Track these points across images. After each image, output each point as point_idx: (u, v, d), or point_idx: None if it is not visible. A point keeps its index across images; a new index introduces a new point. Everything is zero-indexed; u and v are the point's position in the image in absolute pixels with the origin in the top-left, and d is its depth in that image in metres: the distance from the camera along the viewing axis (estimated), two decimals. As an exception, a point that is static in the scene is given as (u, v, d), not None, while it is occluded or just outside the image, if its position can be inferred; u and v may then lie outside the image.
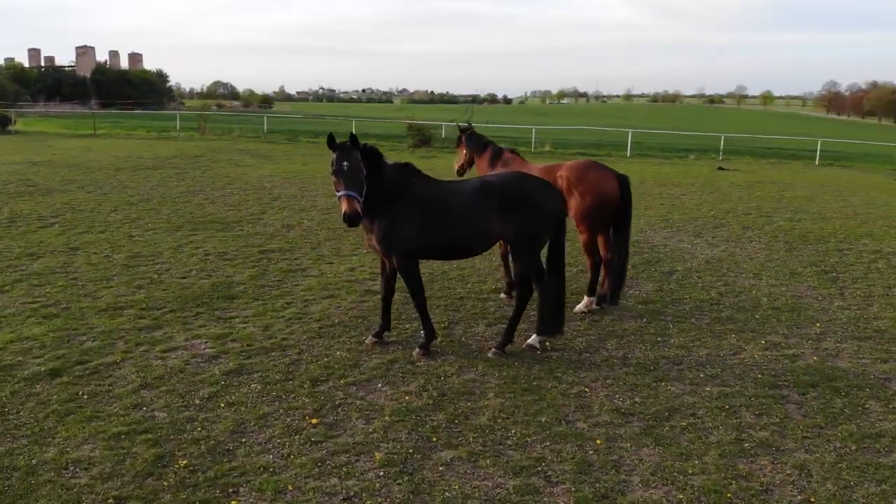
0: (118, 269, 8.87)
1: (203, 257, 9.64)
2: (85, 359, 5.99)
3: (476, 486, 4.24)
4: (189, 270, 8.95)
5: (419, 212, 6.06)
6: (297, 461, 4.47)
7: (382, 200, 6.02)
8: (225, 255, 9.80)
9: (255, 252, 10.01)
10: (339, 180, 5.71)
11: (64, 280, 8.28)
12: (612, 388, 5.73)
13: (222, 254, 9.85)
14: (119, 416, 4.98)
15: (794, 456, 4.73)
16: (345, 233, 11.41)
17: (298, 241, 10.80)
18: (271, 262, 9.50)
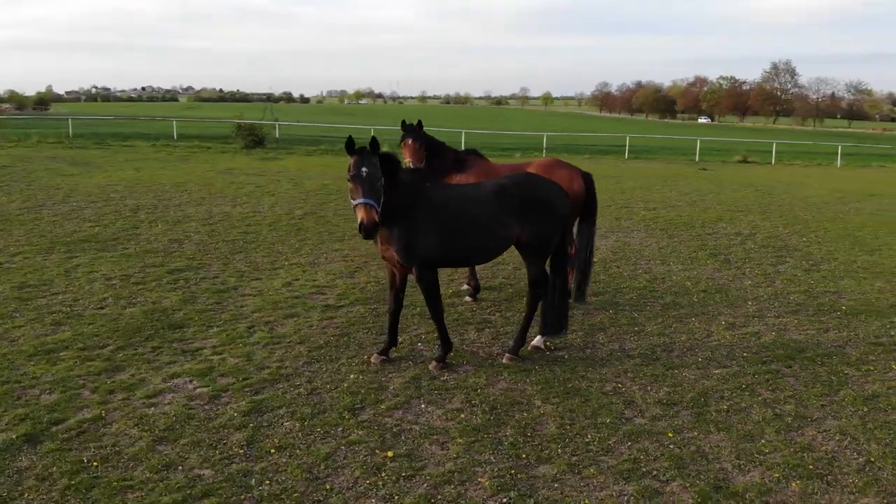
0: (14, 304, 7.38)
1: (106, 283, 8.34)
2: (58, 417, 4.94)
3: (602, 498, 4.16)
4: (103, 298, 7.70)
5: (440, 219, 5.78)
6: (406, 500, 4.06)
7: (400, 208, 5.65)
8: (130, 278, 8.57)
9: (164, 272, 8.86)
10: (356, 187, 5.30)
11: (-52, 324, 6.71)
12: (639, 381, 5.92)
13: (126, 277, 8.60)
14: (158, 483, 4.17)
15: (828, 423, 5.24)
16: (247, 244, 10.52)
17: (201, 257, 9.73)
18: (190, 282, 8.47)
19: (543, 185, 6.31)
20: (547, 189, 6.27)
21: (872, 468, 4.58)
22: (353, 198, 5.34)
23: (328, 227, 12.28)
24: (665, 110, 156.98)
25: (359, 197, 5.26)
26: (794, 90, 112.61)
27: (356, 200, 5.30)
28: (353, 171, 5.33)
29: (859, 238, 13.08)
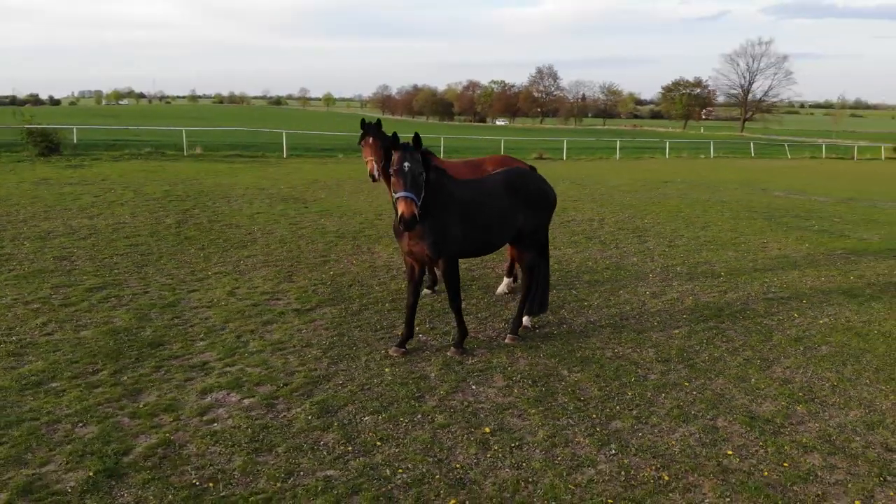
0: (-59, 340, 6.30)
1: (27, 307, 7.39)
2: (120, 447, 4.56)
3: (680, 438, 4.93)
4: (43, 324, 6.87)
5: (465, 214, 6.14)
6: (534, 465, 4.49)
7: (430, 205, 5.93)
8: (48, 300, 7.66)
9: (83, 292, 8.03)
10: (398, 180, 5.50)
11: None
12: (626, 346, 6.81)
13: (44, 300, 7.67)
14: (296, 489, 4.15)
15: (785, 362, 6.53)
16: (146, 257, 9.78)
17: (108, 273, 8.88)
18: (123, 300, 7.80)
19: (538, 179, 6.95)
20: (541, 182, 6.92)
21: (839, 390, 5.88)
22: (395, 191, 5.52)
23: (216, 234, 11.69)
24: (444, 112, 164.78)
25: (401, 190, 5.46)
26: (557, 92, 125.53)
27: (398, 193, 5.48)
28: (396, 166, 5.52)
29: (687, 217, 15.47)
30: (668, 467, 4.49)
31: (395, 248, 10.97)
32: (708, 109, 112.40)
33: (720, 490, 4.24)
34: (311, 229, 12.38)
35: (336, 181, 20.53)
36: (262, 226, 12.54)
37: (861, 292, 9.12)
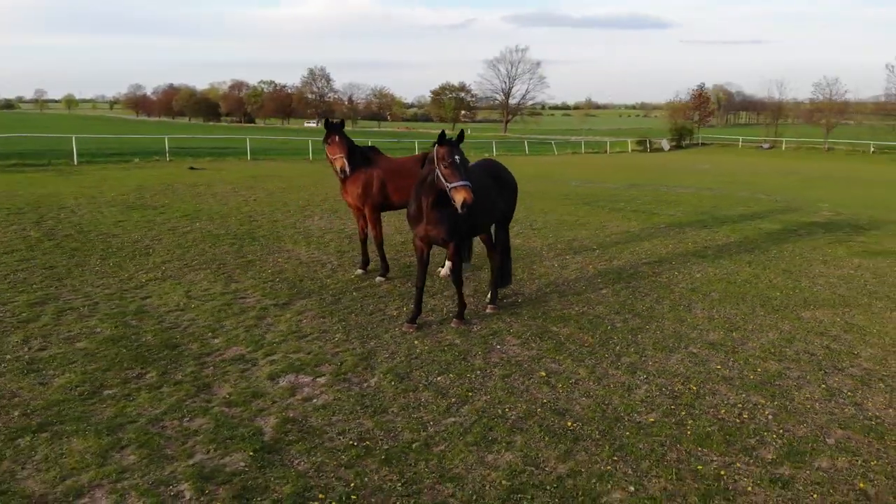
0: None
1: None
2: (250, 430, 4.84)
3: (716, 369, 6.39)
4: (25, 340, 6.43)
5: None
6: (637, 396, 5.64)
7: (445, 193, 6.72)
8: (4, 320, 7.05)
9: (26, 307, 7.46)
10: (453, 172, 6.17)
11: None
12: (586, 305, 8.18)
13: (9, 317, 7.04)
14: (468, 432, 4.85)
15: (720, 307, 8.32)
16: (55, 271, 9.13)
17: (30, 287, 8.19)
18: (82, 312, 7.41)
19: (507, 169, 8.01)
20: (510, 172, 8.00)
21: (749, 320, 7.78)
22: (450, 182, 6.17)
23: (103, 243, 10.97)
24: (209, 113, 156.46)
25: (458, 180, 6.12)
26: (331, 94, 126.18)
27: (455, 183, 6.10)
28: (448, 160, 6.18)
29: (526, 205, 17.47)
30: (688, 381, 5.88)
31: (313, 245, 11.31)
32: (464, 113, 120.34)
33: (733, 390, 5.71)
34: (198, 234, 12.10)
35: (166, 185, 19.63)
36: (140, 233, 11.98)
37: (705, 253, 11.53)
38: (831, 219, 16.57)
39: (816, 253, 11.86)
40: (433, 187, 6.50)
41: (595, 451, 4.60)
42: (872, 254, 11.94)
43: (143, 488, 4.01)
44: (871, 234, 14.15)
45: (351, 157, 8.61)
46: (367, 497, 3.99)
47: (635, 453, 4.58)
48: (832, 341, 7.01)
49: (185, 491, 4.01)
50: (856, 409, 5.36)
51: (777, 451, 4.67)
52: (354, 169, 8.73)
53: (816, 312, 8.07)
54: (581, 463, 4.44)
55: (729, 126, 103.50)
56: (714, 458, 4.56)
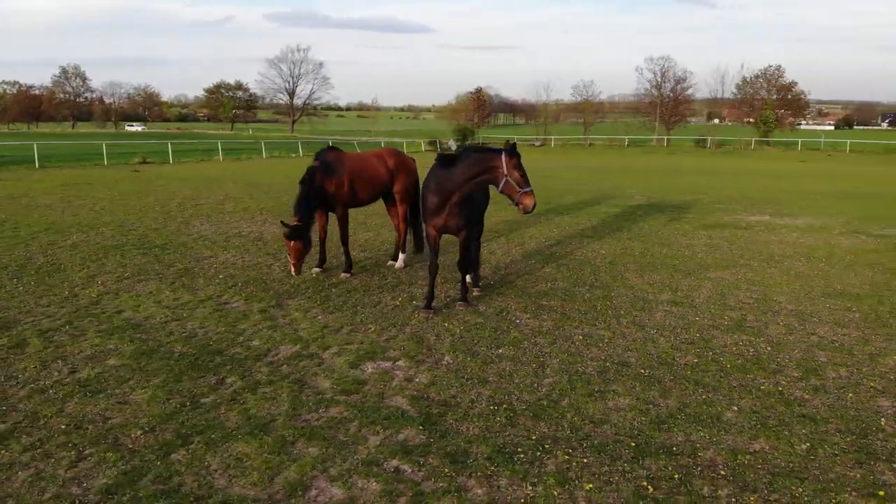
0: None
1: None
2: (393, 411, 5.13)
3: (710, 324, 7.68)
4: (57, 360, 5.84)
5: (476, 195, 7.63)
6: (663, 345, 6.69)
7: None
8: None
9: (35, 333, 6.66)
10: (523, 178, 6.86)
11: None
12: (564, 281, 9.22)
13: None
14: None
15: (672, 272, 9.80)
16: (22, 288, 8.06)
17: (23, 303, 7.26)
18: (81, 329, 6.80)
19: None
20: None
21: (700, 277, 9.37)
22: (522, 187, 6.82)
23: (42, 260, 9.72)
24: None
25: (527, 185, 6.83)
26: (88, 94, 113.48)
27: (527, 188, 6.82)
28: (521, 168, 6.84)
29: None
30: (687, 331, 7.12)
31: (233, 250, 10.97)
32: (236, 112, 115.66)
33: (724, 333, 7.05)
34: (91, 246, 11.11)
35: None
36: (21, 251, 10.71)
37: (586, 234, 13.19)
38: (649, 202, 19.41)
39: (669, 228, 14.10)
40: (467, 186, 7.05)
41: (682, 389, 5.57)
42: (708, 226, 14.49)
43: (361, 470, 4.16)
44: (691, 212, 16.99)
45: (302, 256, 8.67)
46: (559, 444, 4.53)
47: (712, 386, 5.63)
48: (751, 292, 8.76)
49: (401, 465, 4.24)
50: (817, 338, 6.96)
51: (797, 369, 6.03)
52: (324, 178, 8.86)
53: (718, 273, 9.88)
54: (682, 398, 5.38)
55: (490, 127, 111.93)
56: (763, 380, 5.78)
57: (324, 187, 8.82)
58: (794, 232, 13.86)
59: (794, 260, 10.86)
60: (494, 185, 7.05)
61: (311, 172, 8.78)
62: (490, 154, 7.01)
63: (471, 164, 7.07)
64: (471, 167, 7.06)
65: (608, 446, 4.54)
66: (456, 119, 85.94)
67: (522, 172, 6.90)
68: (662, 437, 4.70)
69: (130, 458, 4.26)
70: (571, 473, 4.18)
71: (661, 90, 79.76)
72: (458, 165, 7.17)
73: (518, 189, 6.88)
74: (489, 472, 4.17)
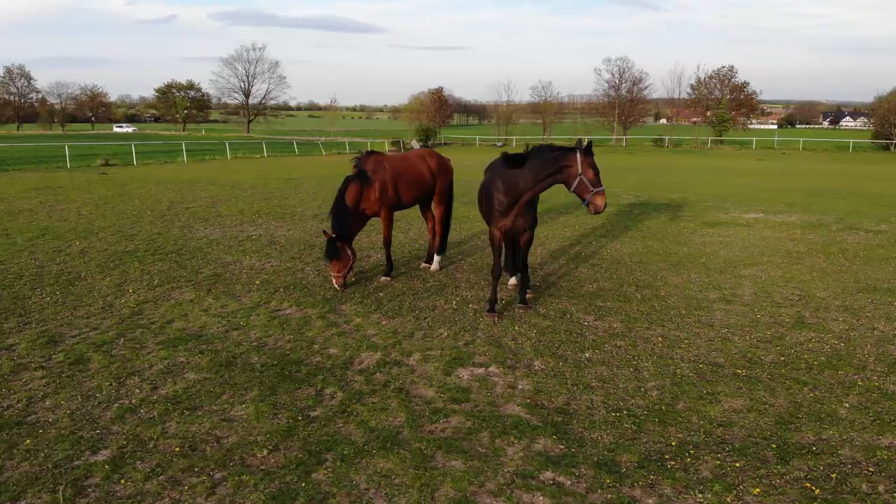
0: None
1: (68, 367, 5.57)
2: (516, 411, 4.97)
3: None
4: (142, 384, 5.48)
5: None
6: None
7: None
8: (48, 355, 5.84)
9: (89, 348, 6.24)
10: (597, 178, 6.73)
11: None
12: (615, 280, 9.16)
13: (44, 362, 5.81)
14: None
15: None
16: (52, 300, 7.57)
17: (43, 315, 6.79)
18: (141, 342, 6.43)
19: None
20: None
21: (784, 286, 9.43)
22: (595, 186, 6.69)
23: (8, 277, 9.17)
24: None
25: (600, 185, 6.71)
26: (34, 95, 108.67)
27: (599, 188, 6.69)
28: (595, 168, 6.69)
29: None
30: (755, 330, 7.13)
31: (254, 254, 10.59)
32: (188, 111, 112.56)
33: (794, 331, 7.08)
34: (103, 253, 10.61)
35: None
36: (31, 259, 10.15)
37: (597, 233, 13.21)
38: (640, 200, 19.59)
39: (675, 227, 14.23)
40: (539, 186, 6.94)
41: (785, 388, 5.54)
42: (711, 224, 14.68)
43: (518, 483, 3.99)
44: (686, 210, 17.20)
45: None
46: (702, 449, 4.44)
47: (812, 384, 5.63)
48: (792, 288, 8.86)
49: (557, 477, 4.08)
50: (879, 332, 7.06)
51: (880, 364, 6.09)
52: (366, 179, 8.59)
53: (748, 270, 9.98)
54: (790, 397, 5.35)
55: (449, 127, 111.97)
56: (854, 376, 5.81)
57: (361, 197, 8.50)
58: (795, 229, 14.14)
59: (813, 257, 11.06)
60: (565, 184, 6.92)
61: (346, 182, 8.49)
62: (563, 153, 6.88)
63: (543, 164, 6.93)
64: (543, 167, 6.93)
65: (750, 448, 4.47)
66: (418, 119, 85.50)
67: (596, 171, 6.78)
68: (796, 437, 4.65)
69: (269, 480, 3.99)
70: (731, 479, 4.09)
71: (619, 91, 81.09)
72: (528, 165, 7.02)
73: (591, 188, 6.76)
74: (649, 481, 4.04)
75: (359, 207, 8.51)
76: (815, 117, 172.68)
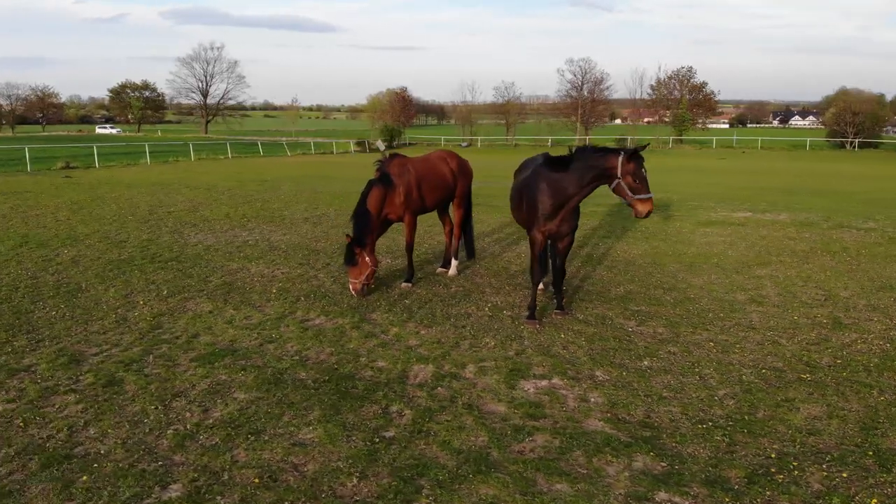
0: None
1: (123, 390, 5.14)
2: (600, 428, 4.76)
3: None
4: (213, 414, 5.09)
5: None
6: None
7: None
8: (93, 384, 5.40)
9: (116, 365, 5.79)
10: (644, 185, 6.48)
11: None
12: (641, 285, 9.02)
13: (86, 391, 5.37)
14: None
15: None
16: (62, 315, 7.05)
17: (51, 331, 6.30)
18: (185, 360, 6.03)
19: None
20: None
21: (804, 285, 9.39)
22: (636, 193, 6.44)
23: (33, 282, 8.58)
24: None
25: (645, 192, 6.45)
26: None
27: (647, 195, 6.44)
28: (638, 173, 6.42)
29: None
30: (798, 333, 7.07)
31: (260, 261, 10.17)
32: (143, 112, 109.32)
33: (835, 331, 7.03)
34: (96, 262, 10.08)
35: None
36: (19, 270, 9.54)
37: (598, 234, 13.12)
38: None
39: (673, 227, 14.24)
40: (587, 189, 6.73)
41: (854, 392, 5.44)
42: (706, 224, 14.73)
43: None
44: (677, 210, 17.26)
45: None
46: (803, 460, 4.29)
47: (878, 387, 5.55)
48: (813, 288, 8.85)
49: (673, 497, 3.87)
50: (891, 321, 7.06)
51: (938, 366, 6.07)
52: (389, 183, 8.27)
53: (763, 271, 9.96)
54: (863, 402, 5.26)
55: (413, 127, 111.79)
56: (919, 379, 5.76)
57: (384, 202, 8.17)
58: (789, 227, 14.29)
59: (819, 256, 11.13)
60: (609, 186, 6.72)
61: (369, 186, 8.15)
62: (604, 155, 6.67)
63: (588, 167, 6.70)
64: (588, 170, 6.71)
65: (848, 457, 4.34)
66: (382, 119, 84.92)
67: (638, 178, 6.45)
68: (886, 443, 4.55)
69: (371, 512, 3.67)
70: (843, 490, 3.95)
71: (581, 91, 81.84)
72: (573, 168, 6.81)
73: (629, 194, 6.50)
74: (766, 498, 3.87)
75: (382, 212, 8.18)
76: (765, 116, 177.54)
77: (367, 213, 7.98)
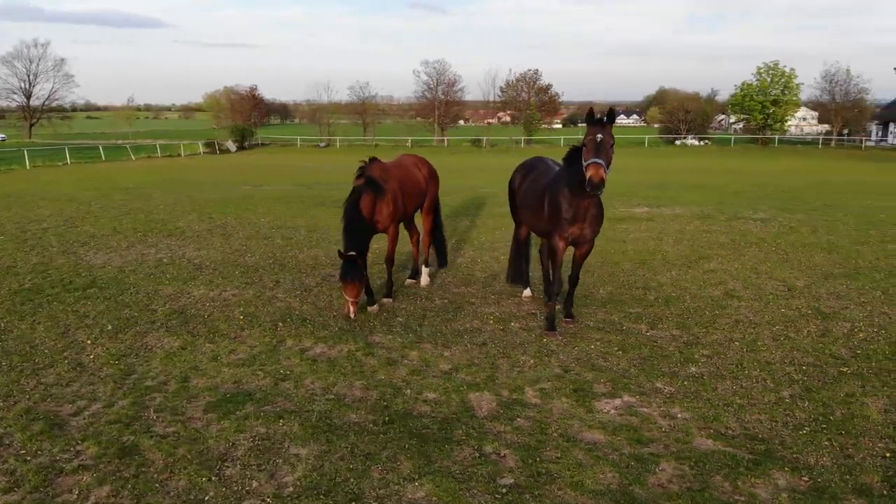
0: None
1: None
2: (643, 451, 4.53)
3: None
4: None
5: None
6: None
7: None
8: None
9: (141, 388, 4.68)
10: (590, 149, 5.90)
11: None
12: (631, 285, 8.92)
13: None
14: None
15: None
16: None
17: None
18: (195, 393, 5.03)
19: None
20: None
21: (759, 277, 9.64)
22: (586, 159, 5.92)
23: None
24: None
25: (591, 157, 5.86)
26: None
27: (589, 160, 5.85)
28: (589, 136, 5.91)
29: (289, 209, 16.45)
30: (801, 324, 7.31)
31: (200, 282, 9.00)
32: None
33: (847, 326, 7.35)
34: (3, 294, 8.39)
35: None
36: None
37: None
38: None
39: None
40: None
41: (893, 380, 5.63)
42: (619, 220, 15.12)
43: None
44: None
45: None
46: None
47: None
48: (768, 279, 9.23)
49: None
50: (893, 317, 7.55)
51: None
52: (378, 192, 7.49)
53: (711, 265, 10.25)
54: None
55: (266, 126, 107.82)
56: (935, 364, 6.10)
57: (374, 210, 7.42)
58: (694, 220, 15.02)
59: (746, 247, 11.73)
60: None
61: (357, 194, 7.31)
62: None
63: (609, 157, 6.06)
64: (609, 160, 6.16)
65: (954, 451, 4.40)
66: (231, 118, 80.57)
67: (590, 139, 5.95)
68: (971, 433, 4.69)
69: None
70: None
71: (436, 93, 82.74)
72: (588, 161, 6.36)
73: (583, 161, 6.05)
74: (927, 507, 3.79)
75: (372, 221, 7.42)
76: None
77: (362, 221, 7.17)
